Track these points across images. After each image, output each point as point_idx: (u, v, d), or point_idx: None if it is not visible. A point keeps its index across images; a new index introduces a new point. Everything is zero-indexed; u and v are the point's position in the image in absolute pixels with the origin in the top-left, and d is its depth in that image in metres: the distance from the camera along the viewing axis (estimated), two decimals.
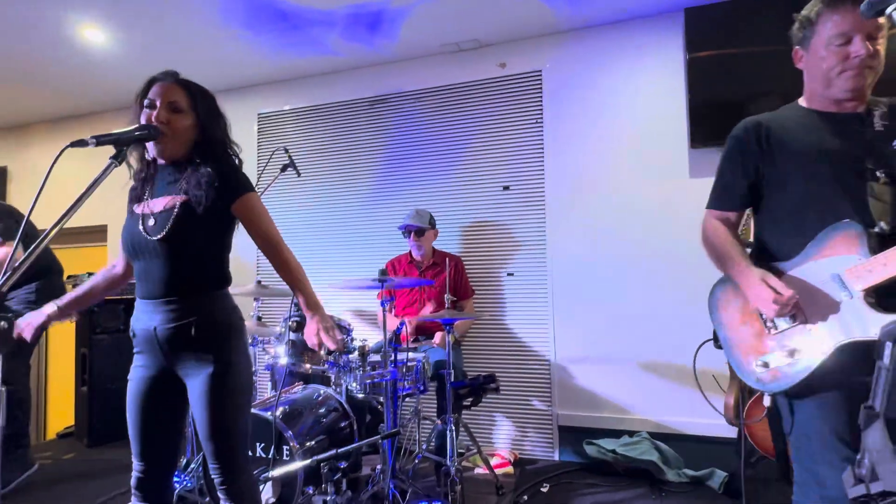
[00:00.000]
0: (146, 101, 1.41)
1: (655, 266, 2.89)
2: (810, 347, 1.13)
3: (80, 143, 1.18)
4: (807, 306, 1.15)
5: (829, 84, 1.24)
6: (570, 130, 3.08)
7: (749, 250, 1.40)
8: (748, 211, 1.45)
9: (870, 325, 1.05)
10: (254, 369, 2.62)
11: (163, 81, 1.43)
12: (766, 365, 1.19)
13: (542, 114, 3.13)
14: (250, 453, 2.04)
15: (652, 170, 2.92)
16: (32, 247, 1.06)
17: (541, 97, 3.14)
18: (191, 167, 1.41)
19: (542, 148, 3.12)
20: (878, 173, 1.16)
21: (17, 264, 1.03)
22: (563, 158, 3.09)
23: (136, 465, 1.44)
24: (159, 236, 1.35)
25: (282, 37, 3.12)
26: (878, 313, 1.05)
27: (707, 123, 2.74)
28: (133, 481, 1.44)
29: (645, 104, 2.95)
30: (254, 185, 1.49)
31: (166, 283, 1.36)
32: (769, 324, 1.22)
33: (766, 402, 1.30)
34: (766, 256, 1.30)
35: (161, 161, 1.44)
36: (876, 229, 1.09)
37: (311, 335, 1.34)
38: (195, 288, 1.39)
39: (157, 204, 1.40)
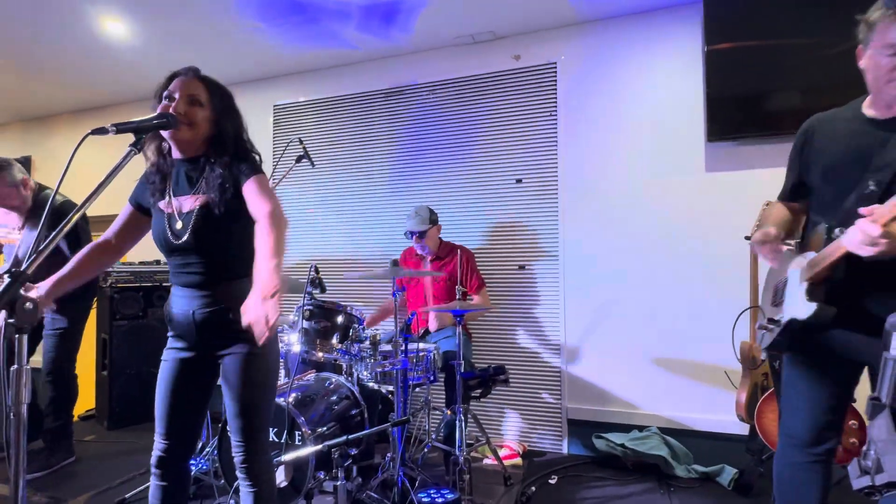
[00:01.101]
0: (165, 94, 1.45)
1: (669, 261, 2.87)
2: (781, 318, 1.37)
3: (101, 131, 1.21)
4: (790, 287, 1.35)
5: (878, 90, 1.26)
6: (584, 123, 3.06)
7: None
8: None
9: (801, 308, 1.26)
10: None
11: (183, 76, 1.48)
12: (763, 327, 1.46)
13: (556, 106, 3.11)
14: None
15: (667, 164, 2.89)
16: (55, 232, 1.10)
17: (555, 90, 3.12)
18: (207, 165, 1.46)
19: (556, 141, 3.11)
20: (869, 183, 1.22)
21: (41, 247, 1.06)
22: (576, 152, 3.07)
23: (159, 443, 1.50)
24: (185, 238, 1.43)
25: (298, 29, 3.14)
26: (806, 300, 1.25)
27: (724, 117, 2.70)
28: (154, 459, 1.49)
29: (661, 97, 2.92)
30: (261, 168, 1.50)
31: (200, 275, 1.45)
32: (774, 298, 1.44)
33: None
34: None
35: (178, 155, 1.48)
36: (836, 233, 1.23)
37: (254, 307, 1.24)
38: (228, 277, 1.46)
39: (184, 203, 1.46)
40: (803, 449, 1.38)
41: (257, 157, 1.53)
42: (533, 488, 2.47)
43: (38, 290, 1.44)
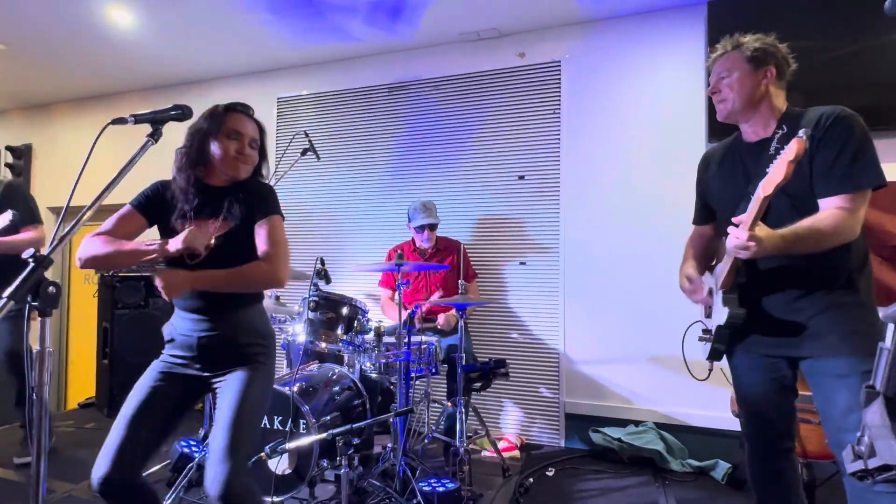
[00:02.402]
0: (229, 131, 1.50)
1: (667, 259, 2.90)
2: (711, 328, 1.50)
3: (120, 121, 1.23)
4: (714, 298, 1.48)
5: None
6: (587, 122, 3.10)
7: None
8: None
9: (719, 315, 1.40)
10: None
11: (244, 115, 1.54)
12: (701, 339, 1.60)
13: (559, 104, 3.14)
14: (267, 426, 2.12)
15: (668, 163, 2.93)
16: (74, 221, 1.12)
17: (559, 88, 3.15)
18: (234, 195, 1.50)
19: (559, 139, 3.14)
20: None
21: (63, 235, 1.09)
22: (579, 150, 3.10)
23: (104, 463, 1.36)
24: (201, 261, 1.43)
25: (304, 22, 3.16)
26: (721, 307, 1.38)
27: None
28: (96, 484, 1.35)
29: (664, 96, 2.95)
30: (278, 206, 1.56)
31: (209, 298, 1.46)
32: (706, 309, 1.58)
33: None
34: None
35: (210, 181, 1.53)
36: None
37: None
38: (236, 304, 1.49)
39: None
40: (763, 448, 1.49)
41: (272, 190, 1.58)
42: (530, 480, 2.51)
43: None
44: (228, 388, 1.43)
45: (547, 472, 2.63)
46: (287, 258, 1.50)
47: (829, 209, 1.27)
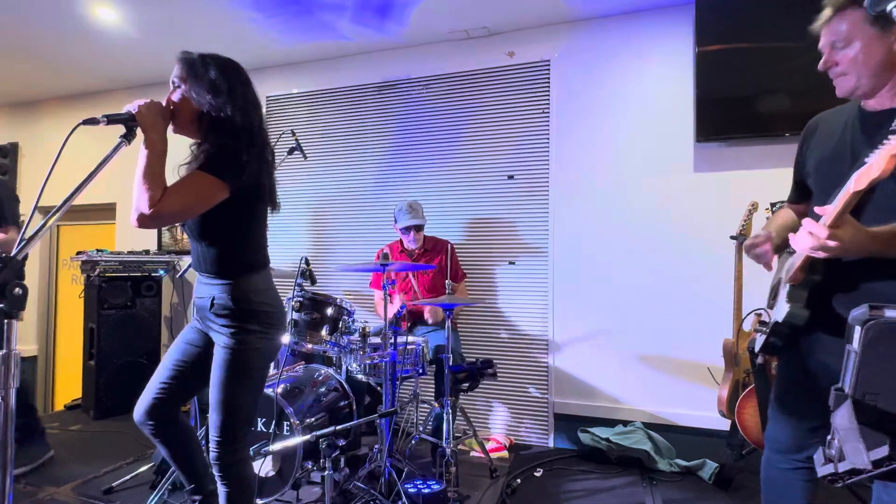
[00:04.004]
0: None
1: (656, 259, 2.91)
2: (770, 321, 1.30)
3: (92, 122, 1.21)
4: (781, 289, 1.27)
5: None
6: (576, 121, 3.09)
7: None
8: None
9: (781, 311, 1.20)
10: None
11: (176, 62, 1.47)
12: (757, 330, 1.37)
13: (548, 104, 3.14)
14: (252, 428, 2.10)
15: (656, 162, 2.93)
16: (42, 222, 1.10)
17: (548, 87, 3.14)
18: (197, 147, 1.47)
19: (548, 138, 3.13)
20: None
21: (30, 236, 1.06)
22: (568, 149, 3.10)
23: (155, 390, 1.54)
24: (196, 225, 1.46)
25: (292, 20, 3.13)
26: (784, 302, 1.18)
27: (713, 118, 2.74)
28: (146, 406, 1.54)
29: (652, 96, 2.95)
30: (228, 171, 1.36)
31: (203, 261, 1.50)
32: (771, 299, 1.37)
33: None
34: None
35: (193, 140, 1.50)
36: None
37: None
38: (218, 269, 1.48)
39: None
40: (786, 455, 1.34)
41: (241, 148, 1.38)
42: (518, 481, 2.51)
43: None
44: (215, 365, 1.46)
45: (535, 473, 2.62)
46: (169, 213, 1.30)
47: None
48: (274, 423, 2.05)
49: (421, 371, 2.46)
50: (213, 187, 1.34)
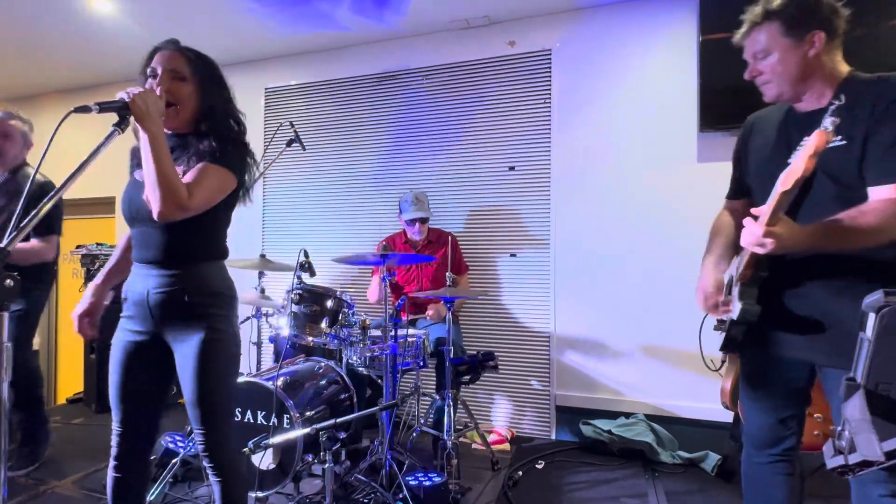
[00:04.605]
0: (149, 71, 1.41)
1: (658, 250, 2.88)
2: (727, 319, 1.34)
3: (84, 110, 1.19)
4: (734, 287, 1.31)
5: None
6: (577, 111, 3.05)
7: None
8: None
9: (734, 309, 1.24)
10: (256, 342, 2.67)
11: (164, 50, 1.43)
12: (717, 328, 1.42)
13: (550, 94, 3.10)
14: (251, 421, 2.09)
15: (660, 153, 2.89)
16: (34, 212, 1.08)
17: (549, 77, 3.10)
18: (194, 140, 1.41)
19: (549, 128, 3.10)
20: None
21: (22, 224, 1.04)
22: (570, 140, 3.06)
23: (116, 432, 1.44)
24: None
25: (291, 10, 3.09)
26: (737, 301, 1.23)
27: (717, 107, 2.70)
28: (113, 451, 1.44)
29: (655, 86, 2.91)
30: (239, 163, 1.43)
31: (163, 250, 1.38)
32: (724, 297, 1.40)
33: None
34: None
35: (167, 130, 1.42)
36: None
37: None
38: (190, 257, 1.41)
39: None
40: (763, 449, 1.36)
41: (239, 130, 1.46)
42: (520, 473, 2.50)
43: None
44: (188, 358, 1.38)
45: (536, 465, 2.61)
46: (196, 206, 1.30)
47: (880, 199, 1.06)
48: (274, 416, 2.04)
49: (422, 363, 2.45)
50: (228, 179, 1.39)
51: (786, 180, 0.98)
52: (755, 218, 1.08)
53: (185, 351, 1.38)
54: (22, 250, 2.16)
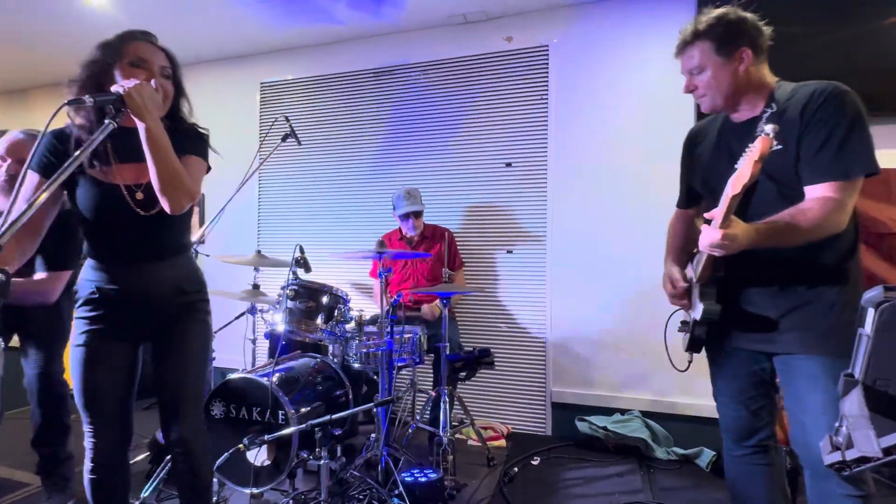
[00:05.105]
0: (132, 59, 1.35)
1: (655, 247, 2.87)
2: (689, 320, 1.45)
3: (78, 102, 1.17)
4: (693, 289, 1.41)
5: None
6: (575, 107, 3.05)
7: None
8: None
9: (696, 309, 1.33)
10: (251, 338, 2.67)
11: (147, 43, 1.41)
12: (681, 330, 1.54)
13: (547, 90, 3.09)
14: (246, 417, 2.08)
15: (657, 149, 2.89)
16: (27, 206, 1.06)
17: (547, 73, 3.09)
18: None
19: (547, 124, 3.09)
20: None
21: (14, 218, 1.03)
22: (567, 136, 3.06)
23: (89, 432, 1.40)
24: (155, 210, 1.33)
25: (287, 4, 3.06)
26: (698, 301, 1.32)
27: None
28: (88, 454, 1.40)
29: (653, 81, 2.91)
30: (207, 153, 1.48)
31: (143, 245, 1.39)
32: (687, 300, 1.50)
33: None
34: None
35: (127, 124, 1.26)
36: None
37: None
38: (167, 249, 1.44)
39: (130, 171, 1.35)
40: (739, 442, 1.43)
41: (204, 135, 1.48)
42: (515, 469, 2.50)
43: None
44: (173, 341, 1.43)
45: (532, 462, 2.62)
46: (192, 194, 1.31)
47: (814, 198, 1.16)
48: (269, 412, 2.04)
49: (418, 360, 2.44)
50: (205, 168, 1.46)
51: (735, 184, 1.05)
52: (708, 222, 1.17)
53: (172, 335, 1.42)
54: (23, 286, 1.76)
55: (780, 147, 1.18)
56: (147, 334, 1.46)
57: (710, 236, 1.12)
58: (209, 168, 1.48)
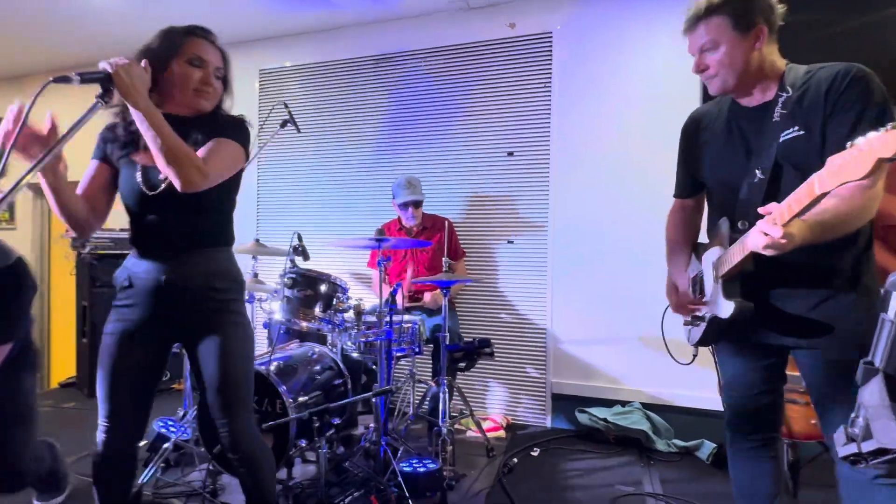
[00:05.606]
0: (191, 57, 1.36)
1: (657, 238, 2.84)
2: (704, 315, 1.38)
3: (64, 80, 1.14)
4: (706, 282, 1.36)
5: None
6: (578, 95, 3.00)
7: None
8: None
9: (721, 307, 1.24)
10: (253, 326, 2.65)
11: (207, 41, 1.42)
12: (688, 323, 1.50)
13: (550, 78, 3.04)
14: None
15: (661, 138, 2.84)
16: (14, 184, 1.03)
17: (550, 60, 3.04)
18: (199, 125, 1.38)
19: (549, 113, 3.04)
20: (756, 171, 1.21)
21: (1, 198, 1.00)
22: (570, 124, 3.01)
23: (103, 426, 1.36)
24: (163, 188, 1.32)
25: None
26: (724, 299, 1.24)
27: None
28: (98, 446, 1.37)
29: (658, 69, 2.85)
30: (247, 140, 1.45)
31: (180, 236, 1.36)
32: (693, 292, 1.45)
33: None
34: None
35: (170, 111, 1.37)
36: (738, 227, 1.25)
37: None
38: (206, 242, 1.39)
39: (149, 154, 1.33)
40: (745, 436, 1.40)
41: (245, 123, 1.47)
42: (515, 460, 2.49)
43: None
44: (211, 345, 1.36)
45: (532, 453, 2.60)
46: (214, 175, 1.29)
47: (845, 187, 1.07)
48: (267, 400, 2.01)
49: (417, 350, 2.42)
50: (240, 153, 1.40)
51: (827, 181, 0.92)
52: (749, 216, 1.10)
53: (209, 338, 1.36)
54: None
55: (801, 133, 1.13)
56: (178, 333, 1.41)
57: (768, 235, 1.03)
58: (246, 155, 1.43)
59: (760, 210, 1.07)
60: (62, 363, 4.42)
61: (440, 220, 2.96)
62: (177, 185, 1.23)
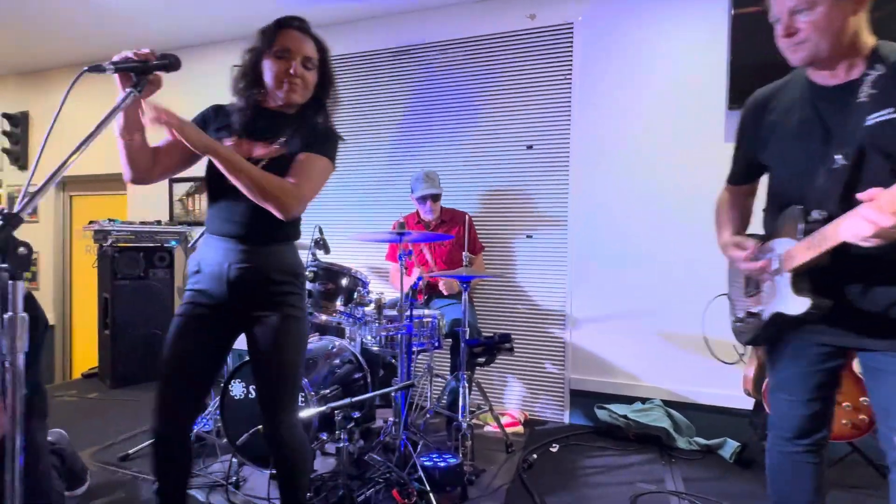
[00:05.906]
0: (278, 49, 1.38)
1: (679, 233, 2.80)
2: (761, 312, 1.28)
3: (98, 69, 1.14)
4: (765, 279, 1.27)
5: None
6: (600, 88, 2.95)
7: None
8: None
9: (790, 302, 1.16)
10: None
11: (297, 31, 1.42)
12: (740, 321, 1.38)
13: (571, 70, 2.99)
14: None
15: (684, 132, 2.79)
16: (45, 180, 1.03)
17: (571, 52, 2.99)
18: (295, 123, 1.41)
19: (570, 106, 3.00)
20: (835, 157, 1.11)
21: (34, 193, 1.00)
22: (590, 118, 2.97)
23: (160, 406, 1.38)
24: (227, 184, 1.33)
25: None
26: (794, 294, 1.15)
27: (748, 84, 2.51)
28: (155, 427, 1.39)
29: (682, 61, 2.80)
30: (335, 153, 1.48)
31: (250, 226, 1.37)
32: (747, 288, 1.36)
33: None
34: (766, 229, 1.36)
35: (269, 104, 1.43)
36: (813, 216, 1.13)
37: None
38: (272, 237, 1.40)
39: (256, 148, 1.38)
40: (791, 440, 1.33)
41: (335, 133, 1.50)
42: (534, 456, 2.47)
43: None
44: (266, 336, 1.37)
45: (551, 449, 2.59)
46: (310, 197, 1.36)
47: None
48: None
49: (437, 344, 2.41)
50: (329, 168, 1.44)
51: None
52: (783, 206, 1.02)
53: (265, 328, 1.37)
54: None
55: (893, 115, 1.02)
56: (241, 322, 1.42)
57: (872, 221, 0.92)
58: (334, 168, 1.46)
59: (860, 196, 0.96)
60: (84, 354, 4.51)
61: (459, 214, 2.94)
62: (278, 216, 1.29)
